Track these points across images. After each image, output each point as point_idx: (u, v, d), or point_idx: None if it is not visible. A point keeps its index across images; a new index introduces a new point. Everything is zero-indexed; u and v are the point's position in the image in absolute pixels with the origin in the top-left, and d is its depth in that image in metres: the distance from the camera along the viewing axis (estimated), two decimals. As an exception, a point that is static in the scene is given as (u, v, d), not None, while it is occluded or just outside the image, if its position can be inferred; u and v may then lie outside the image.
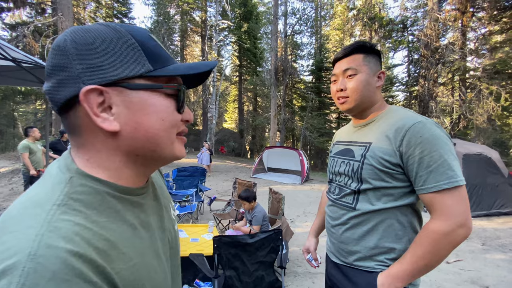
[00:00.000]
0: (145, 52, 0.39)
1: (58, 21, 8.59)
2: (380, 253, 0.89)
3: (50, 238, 0.29)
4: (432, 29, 10.34)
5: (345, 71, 0.96)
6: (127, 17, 20.65)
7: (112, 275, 0.32)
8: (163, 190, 0.56)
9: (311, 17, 18.71)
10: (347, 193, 0.96)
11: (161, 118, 0.40)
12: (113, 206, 0.38)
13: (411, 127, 0.83)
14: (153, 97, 0.40)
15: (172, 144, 0.43)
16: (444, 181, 0.77)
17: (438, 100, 11.60)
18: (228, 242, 1.78)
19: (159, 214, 0.48)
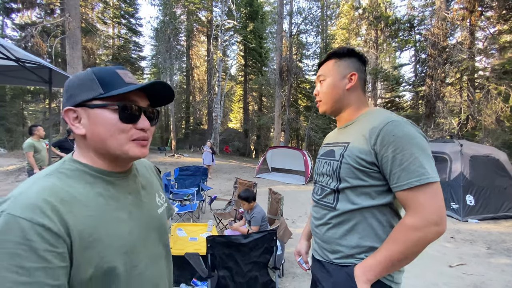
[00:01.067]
0: (99, 81, 0.58)
1: (66, 22, 8.73)
2: (361, 252, 0.91)
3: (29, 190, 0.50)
4: (439, 28, 10.13)
5: (318, 77, 1.07)
6: (134, 17, 20.91)
7: (65, 217, 0.49)
8: (150, 182, 0.75)
9: (317, 17, 18.60)
10: (327, 193, 0.99)
11: (106, 127, 0.57)
12: (85, 179, 0.58)
13: (384, 126, 0.86)
14: (103, 112, 0.57)
15: (122, 146, 0.59)
16: (415, 178, 0.79)
17: (445, 101, 11.39)
18: (221, 242, 1.78)
19: (136, 196, 0.66)
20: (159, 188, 0.79)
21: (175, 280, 2.61)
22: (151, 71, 26.45)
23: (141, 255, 0.62)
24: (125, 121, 0.58)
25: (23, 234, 0.44)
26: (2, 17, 15.55)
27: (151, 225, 0.67)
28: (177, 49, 20.29)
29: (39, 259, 0.45)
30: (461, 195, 5.39)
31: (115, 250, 0.55)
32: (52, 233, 0.47)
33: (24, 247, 0.44)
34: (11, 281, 0.43)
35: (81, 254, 0.50)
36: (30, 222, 0.45)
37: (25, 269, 0.44)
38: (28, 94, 17.94)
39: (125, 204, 0.62)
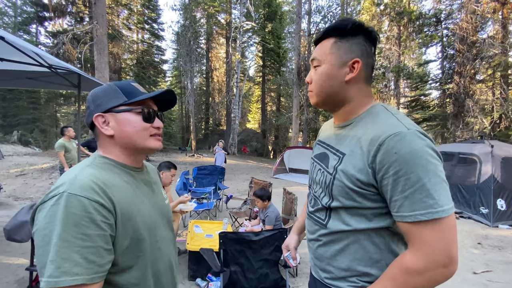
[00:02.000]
0: (122, 92, 0.74)
1: (94, 29, 9.26)
2: (353, 276, 0.79)
3: (80, 175, 0.63)
4: (468, 22, 9.57)
5: (312, 61, 0.84)
6: (156, 22, 21.66)
7: (111, 196, 0.63)
8: (156, 180, 0.91)
9: (336, 14, 18.22)
10: (320, 208, 0.86)
11: (133, 126, 0.73)
12: (114, 170, 0.72)
13: (386, 140, 0.68)
14: (128, 115, 0.73)
15: (145, 141, 0.75)
16: (421, 211, 0.64)
17: (475, 99, 10.71)
18: (233, 238, 1.83)
19: (150, 187, 0.82)
20: (162, 187, 0.96)
21: (192, 275, 2.71)
22: (173, 74, 27.30)
23: (158, 234, 0.76)
24: (146, 121, 0.74)
25: (84, 208, 0.57)
26: (36, 25, 16.82)
27: (162, 211, 0.83)
28: (197, 52, 20.79)
29: (97, 228, 0.58)
30: (491, 199, 5.07)
31: (143, 225, 0.69)
32: (104, 208, 0.60)
33: (86, 219, 0.57)
34: (78, 245, 0.56)
35: (122, 227, 0.64)
36: (88, 199, 0.59)
37: (88, 235, 0.57)
38: (60, 98, 19.22)
39: (144, 192, 0.78)
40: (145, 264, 0.70)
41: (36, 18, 15.14)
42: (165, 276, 0.78)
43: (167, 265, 0.79)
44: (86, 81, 3.98)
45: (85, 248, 0.56)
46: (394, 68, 11.60)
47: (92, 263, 0.57)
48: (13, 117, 16.82)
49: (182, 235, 3.80)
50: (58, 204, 0.57)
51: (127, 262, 0.66)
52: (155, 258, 0.74)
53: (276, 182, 9.01)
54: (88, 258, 0.56)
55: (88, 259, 0.56)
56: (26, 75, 3.81)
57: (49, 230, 0.55)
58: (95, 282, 0.58)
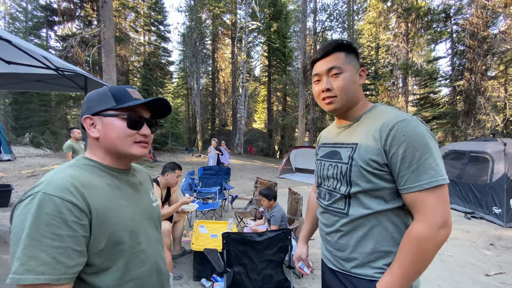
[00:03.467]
0: (113, 96, 0.75)
1: (101, 32, 9.40)
2: (378, 258, 0.86)
3: (57, 176, 0.64)
4: (479, 17, 9.32)
5: (330, 70, 0.93)
6: (163, 24, 21.86)
7: (86, 197, 0.63)
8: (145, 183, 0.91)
9: (342, 12, 18.06)
10: (337, 198, 0.93)
11: (116, 132, 0.73)
12: (97, 172, 0.73)
13: (395, 125, 0.81)
14: (114, 120, 0.73)
15: (128, 147, 0.75)
16: (425, 181, 0.76)
17: (487, 95, 10.43)
18: (236, 239, 1.81)
19: (135, 189, 0.82)
20: (151, 189, 0.96)
21: (196, 275, 2.71)
22: (179, 75, 27.52)
23: (141, 236, 0.76)
24: (132, 127, 0.74)
25: (57, 208, 0.58)
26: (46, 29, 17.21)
27: (148, 213, 0.82)
28: (203, 53, 20.92)
29: (69, 228, 0.58)
30: (504, 198, 4.92)
31: (123, 227, 0.69)
32: (78, 209, 0.60)
33: (57, 219, 0.57)
34: (47, 244, 0.56)
35: (98, 228, 0.64)
36: (62, 199, 0.59)
37: (58, 235, 0.57)
38: (70, 100, 19.62)
39: (127, 194, 0.77)
40: (124, 265, 0.69)
41: (46, 22, 15.49)
42: (149, 279, 0.76)
43: (152, 268, 0.77)
44: (92, 83, 4.03)
45: (54, 248, 0.56)
46: (402, 65, 11.40)
47: (60, 263, 0.57)
48: (25, 119, 17.25)
49: (187, 235, 3.81)
50: (32, 203, 0.57)
51: (104, 263, 0.66)
52: (137, 260, 0.73)
53: (282, 182, 8.96)
54: (57, 258, 0.56)
55: (57, 259, 0.56)
56: (34, 78, 3.88)
57: (21, 228, 0.56)
58: (62, 283, 0.57)
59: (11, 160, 10.15)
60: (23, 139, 15.36)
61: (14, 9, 20.46)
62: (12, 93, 17.17)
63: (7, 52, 2.93)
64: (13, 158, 10.53)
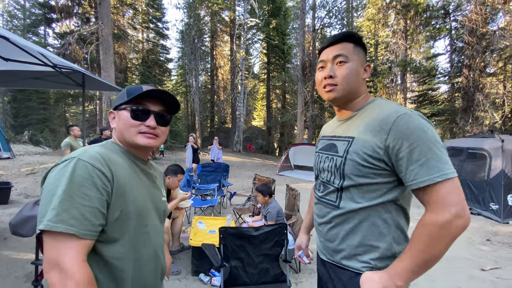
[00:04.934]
0: (127, 92, 0.83)
1: (99, 29, 9.36)
2: (364, 252, 0.87)
3: (90, 149, 0.74)
4: (478, 13, 9.31)
5: (336, 58, 0.92)
6: (161, 21, 21.76)
7: (112, 169, 0.71)
8: (160, 179, 1.00)
9: (341, 9, 17.97)
10: (330, 191, 0.94)
11: (123, 122, 0.82)
12: (120, 154, 0.82)
13: (396, 119, 0.80)
14: (123, 112, 0.82)
15: (133, 137, 0.81)
16: (436, 174, 0.74)
17: (486, 92, 10.45)
18: (233, 233, 1.84)
19: (150, 179, 0.90)
20: (163, 187, 1.02)
21: (195, 270, 2.73)
22: (178, 73, 27.44)
23: (148, 220, 0.81)
24: (134, 118, 0.81)
25: (89, 172, 0.67)
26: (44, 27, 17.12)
27: (156, 204, 0.88)
28: (201, 50, 20.83)
29: (97, 191, 0.67)
30: (501, 195, 4.95)
31: (133, 206, 0.75)
32: (105, 177, 0.69)
33: (89, 181, 0.66)
34: (79, 202, 0.64)
35: (117, 198, 0.71)
36: (93, 166, 0.68)
37: (89, 196, 0.65)
38: (69, 98, 19.58)
39: (143, 181, 0.85)
40: (129, 242, 0.74)
41: (44, 20, 15.41)
42: (147, 265, 0.80)
43: (151, 254, 0.82)
44: (90, 80, 4.03)
45: (84, 206, 0.64)
46: (401, 62, 11.39)
47: (87, 220, 0.64)
48: (24, 117, 17.23)
49: (186, 231, 3.84)
50: (68, 166, 0.67)
51: (114, 233, 0.71)
52: (141, 241, 0.78)
53: (281, 179, 8.99)
54: (85, 215, 0.64)
55: (85, 216, 0.64)
56: (32, 75, 3.88)
57: (56, 186, 0.64)
58: (87, 238, 0.64)
59: (10, 158, 10.14)
60: (22, 137, 15.34)
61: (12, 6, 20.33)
62: (10, 91, 17.12)
63: (4, 49, 2.93)
64: (12, 156, 10.53)
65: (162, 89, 0.83)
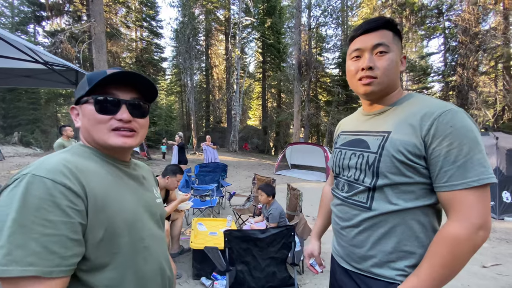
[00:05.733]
0: (88, 82, 0.64)
1: (91, 27, 9.16)
2: (399, 259, 0.78)
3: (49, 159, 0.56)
4: (470, 13, 9.42)
5: (376, 47, 0.81)
6: (155, 20, 21.50)
7: (82, 180, 0.55)
8: (148, 178, 0.83)
9: (336, 8, 18.04)
10: (360, 191, 0.84)
11: (88, 119, 0.64)
12: (94, 159, 0.65)
13: (441, 115, 0.72)
14: (86, 106, 0.64)
15: (104, 136, 0.64)
16: (473, 178, 0.68)
17: (478, 91, 10.60)
18: (239, 236, 1.77)
19: (137, 182, 0.74)
20: (155, 185, 0.87)
21: (196, 273, 2.66)
22: (172, 72, 27.17)
23: (145, 232, 0.66)
24: (101, 112, 0.63)
25: (48, 191, 0.50)
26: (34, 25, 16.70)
27: (150, 209, 0.73)
28: (196, 49, 20.64)
29: (62, 213, 0.50)
30: (496, 191, 5.00)
31: (121, 220, 0.60)
32: (72, 192, 0.52)
33: (48, 202, 0.49)
34: (37, 232, 0.47)
35: (95, 216, 0.55)
36: (53, 181, 0.51)
37: (50, 221, 0.49)
38: (60, 98, 19.17)
39: (129, 186, 0.69)
40: (124, 263, 0.60)
41: (34, 17, 15.03)
42: (152, 283, 0.67)
43: (156, 269, 0.69)
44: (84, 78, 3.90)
45: (45, 236, 0.48)
46: (396, 61, 11.46)
47: (53, 253, 0.48)
48: (13, 118, 16.78)
49: (185, 233, 3.76)
50: (19, 187, 0.49)
51: (101, 258, 0.57)
52: (140, 258, 0.64)
53: (278, 178, 8.95)
54: (49, 248, 0.48)
55: (49, 248, 0.48)
56: (22, 73, 3.73)
57: (5, 214, 0.47)
58: (55, 276, 0.48)
59: (-1, 159, 9.88)
60: (11, 138, 14.96)
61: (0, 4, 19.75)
62: None
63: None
64: (2, 158, 10.25)
65: (132, 71, 0.65)
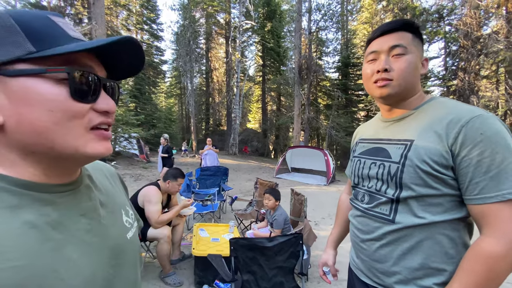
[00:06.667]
0: (26, 33, 0.34)
1: (92, 29, 9.15)
2: (426, 276, 0.73)
3: None
4: (472, 17, 9.45)
5: (393, 49, 0.78)
6: (156, 23, 21.56)
7: None
8: (113, 195, 0.52)
9: (336, 12, 18.11)
10: (382, 202, 0.80)
11: (49, 109, 0.34)
12: (6, 201, 0.34)
13: (469, 121, 0.67)
14: (37, 84, 0.34)
15: (77, 140, 0.37)
16: (509, 190, 0.62)
17: (480, 95, 10.60)
18: (245, 244, 1.70)
19: (92, 217, 0.43)
20: (126, 201, 0.56)
21: (198, 281, 2.58)
22: (172, 75, 27.20)
23: None
24: (80, 98, 0.36)
25: None
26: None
27: (119, 258, 0.45)
28: (196, 52, 20.68)
29: None
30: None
31: None
32: None
33: None
34: None
35: None
36: None
37: None
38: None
39: (77, 234, 0.39)
40: None
41: (34, 19, 15.01)
42: None
43: None
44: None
45: None
46: (397, 65, 11.47)
47: None
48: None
49: (186, 238, 3.67)
50: None
51: None
52: None
53: (279, 182, 8.87)
54: None
55: None
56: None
57: None
58: None
59: None
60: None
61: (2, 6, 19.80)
62: None
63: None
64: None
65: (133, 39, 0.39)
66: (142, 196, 2.66)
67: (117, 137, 10.66)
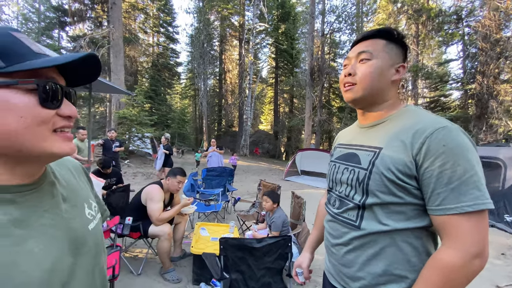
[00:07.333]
0: None
1: (110, 33, 9.53)
2: (388, 282, 0.75)
3: None
4: (491, 19, 9.06)
5: (359, 54, 0.82)
6: (171, 25, 22.11)
7: None
8: (75, 190, 0.56)
9: (351, 14, 17.87)
10: (349, 208, 0.82)
11: (19, 115, 0.39)
12: None
13: (433, 132, 0.68)
14: (9, 94, 0.39)
15: (44, 141, 0.42)
16: (468, 202, 0.64)
17: (500, 99, 10.13)
18: (234, 244, 1.76)
19: (55, 212, 0.47)
20: (89, 194, 0.60)
21: (196, 279, 2.66)
22: (187, 76, 27.74)
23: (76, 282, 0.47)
24: (48, 105, 0.42)
25: None
26: (58, 30, 17.57)
27: (81, 249, 0.49)
28: (210, 54, 21.04)
29: None
30: (516, 207, 4.73)
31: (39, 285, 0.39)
32: None
33: None
34: None
35: None
36: None
37: None
38: (79, 100, 19.96)
39: (40, 229, 0.43)
40: None
41: (58, 23, 15.82)
42: None
43: None
44: (97, 82, 4.05)
45: None
46: (412, 67, 11.18)
47: None
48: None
49: (189, 237, 3.77)
50: None
51: None
52: None
53: (287, 184, 8.86)
54: None
55: None
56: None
57: None
58: None
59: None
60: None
61: (27, 9, 20.94)
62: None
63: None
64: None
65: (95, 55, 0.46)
66: (145, 194, 2.78)
67: (131, 136, 11.00)
